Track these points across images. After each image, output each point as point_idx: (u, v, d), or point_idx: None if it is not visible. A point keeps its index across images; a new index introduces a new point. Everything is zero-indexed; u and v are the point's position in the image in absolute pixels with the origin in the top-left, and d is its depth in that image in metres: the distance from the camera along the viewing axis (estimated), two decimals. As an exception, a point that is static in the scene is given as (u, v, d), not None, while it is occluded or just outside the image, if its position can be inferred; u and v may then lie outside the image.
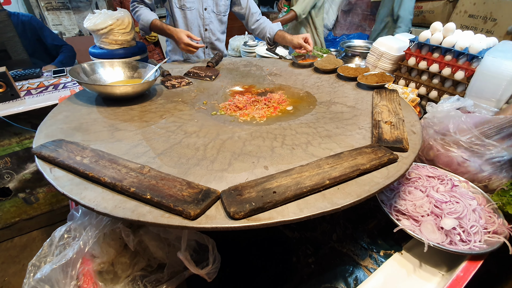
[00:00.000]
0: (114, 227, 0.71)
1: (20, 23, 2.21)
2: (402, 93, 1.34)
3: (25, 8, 3.42)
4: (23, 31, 2.21)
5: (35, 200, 1.93)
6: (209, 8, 1.69)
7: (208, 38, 1.81)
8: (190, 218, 0.54)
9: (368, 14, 3.32)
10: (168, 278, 0.72)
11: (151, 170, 0.65)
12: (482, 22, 1.94)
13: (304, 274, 0.84)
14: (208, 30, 1.77)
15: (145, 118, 0.96)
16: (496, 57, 1.12)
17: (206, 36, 1.80)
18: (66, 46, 2.44)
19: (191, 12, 1.67)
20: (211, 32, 1.79)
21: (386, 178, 0.66)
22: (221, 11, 1.74)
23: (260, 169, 0.70)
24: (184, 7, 1.64)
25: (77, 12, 3.71)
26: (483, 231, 0.81)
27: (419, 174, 0.99)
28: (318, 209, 0.57)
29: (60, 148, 0.72)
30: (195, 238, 0.73)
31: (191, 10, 1.66)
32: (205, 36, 1.80)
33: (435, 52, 1.36)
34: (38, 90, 1.74)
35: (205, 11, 1.69)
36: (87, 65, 1.14)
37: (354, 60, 1.86)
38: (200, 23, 1.74)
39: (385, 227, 0.96)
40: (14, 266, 1.85)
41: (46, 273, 0.60)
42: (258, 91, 1.27)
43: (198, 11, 1.68)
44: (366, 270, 0.84)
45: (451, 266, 0.80)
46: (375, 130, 0.84)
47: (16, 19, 2.21)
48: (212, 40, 1.83)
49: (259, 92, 1.25)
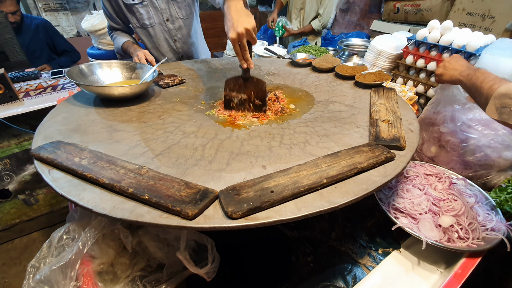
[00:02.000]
0: (113, 227, 0.71)
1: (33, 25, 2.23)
2: (400, 91, 1.35)
3: (23, 9, 3.42)
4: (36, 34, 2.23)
5: (35, 201, 1.94)
6: (171, 17, 1.58)
7: (181, 48, 1.73)
8: (188, 218, 0.54)
9: (366, 12, 3.32)
10: (168, 278, 0.73)
11: (149, 171, 0.66)
12: (480, 20, 1.94)
13: (303, 273, 0.84)
14: (178, 40, 1.68)
15: (143, 119, 0.96)
16: (493, 54, 1.12)
17: (178, 47, 1.71)
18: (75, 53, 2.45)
19: (154, 28, 1.58)
20: (183, 41, 1.70)
21: (384, 176, 0.66)
22: (188, 14, 1.62)
23: (258, 169, 0.70)
24: (145, 25, 1.55)
25: (75, 13, 3.70)
26: (481, 228, 0.81)
27: (417, 172, 1.00)
28: (316, 208, 0.57)
29: (58, 149, 0.73)
30: (194, 238, 0.73)
31: (152, 27, 1.57)
32: (177, 47, 1.71)
33: (433, 50, 1.36)
34: (37, 92, 1.75)
35: (168, 22, 1.58)
36: (85, 66, 1.14)
37: (352, 59, 1.86)
38: (167, 36, 1.64)
39: (383, 225, 0.96)
40: (15, 268, 1.86)
41: (45, 274, 0.60)
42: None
43: (160, 25, 1.58)
44: (364, 268, 0.84)
45: (449, 263, 0.81)
46: (372, 129, 0.85)
47: (30, 21, 2.24)
48: (185, 49, 1.74)
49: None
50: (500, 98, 0.69)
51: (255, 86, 1.00)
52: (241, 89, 1.00)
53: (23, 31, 2.21)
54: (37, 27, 2.26)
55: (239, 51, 0.92)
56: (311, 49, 1.95)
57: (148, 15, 1.53)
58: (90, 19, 2.21)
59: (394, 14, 2.67)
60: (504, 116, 0.69)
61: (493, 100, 0.71)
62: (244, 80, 1.00)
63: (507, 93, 0.68)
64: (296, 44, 2.37)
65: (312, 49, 1.94)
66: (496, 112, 0.71)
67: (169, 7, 1.55)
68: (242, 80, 1.00)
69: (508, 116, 0.68)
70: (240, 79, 1.00)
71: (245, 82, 1.00)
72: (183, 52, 1.76)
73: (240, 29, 0.86)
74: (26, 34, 2.22)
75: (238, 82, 1.00)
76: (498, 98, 0.70)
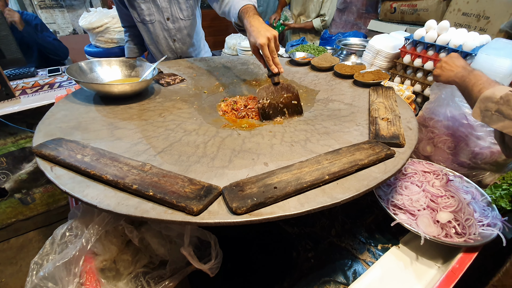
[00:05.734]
0: (116, 224, 0.71)
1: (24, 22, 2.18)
2: (397, 90, 1.36)
3: (18, 6, 3.37)
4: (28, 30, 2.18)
5: (31, 200, 1.92)
6: (172, 17, 1.58)
7: (180, 49, 1.73)
8: (193, 213, 0.54)
9: (363, 12, 3.34)
10: (170, 274, 0.73)
11: (153, 168, 0.66)
12: (476, 20, 1.97)
13: (304, 269, 0.85)
14: (177, 40, 1.68)
15: (144, 117, 0.96)
16: (489, 54, 1.15)
17: (177, 47, 1.71)
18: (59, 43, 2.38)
19: (153, 25, 1.58)
20: (182, 42, 1.70)
21: (384, 173, 0.68)
22: (189, 15, 1.62)
23: (260, 166, 0.71)
24: (145, 21, 1.56)
25: (71, 10, 3.66)
26: (477, 224, 0.83)
27: (415, 169, 1.01)
28: (319, 203, 0.58)
29: (60, 146, 0.72)
30: (197, 235, 0.74)
31: (152, 23, 1.57)
32: (176, 47, 1.71)
33: (429, 50, 1.38)
34: (33, 90, 1.73)
35: (168, 21, 1.58)
36: (84, 63, 1.13)
37: (350, 58, 1.88)
38: (166, 35, 1.64)
39: (382, 221, 0.98)
40: (11, 267, 1.84)
41: (49, 271, 0.60)
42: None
43: (160, 23, 1.58)
44: (364, 263, 0.86)
45: (447, 258, 0.83)
46: (372, 127, 0.86)
47: None
48: (184, 50, 1.74)
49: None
50: (484, 102, 0.70)
51: (287, 90, 1.00)
52: (275, 96, 0.98)
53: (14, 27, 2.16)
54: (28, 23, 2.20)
55: (269, 56, 0.96)
56: (309, 48, 1.96)
57: (149, 11, 1.53)
58: (88, 17, 2.19)
59: (390, 14, 2.69)
60: (486, 119, 0.70)
61: (478, 103, 0.72)
62: (275, 85, 1.00)
63: (489, 97, 0.69)
64: (294, 43, 2.38)
65: (311, 48, 1.95)
66: (480, 114, 0.71)
67: (170, 6, 1.55)
68: (274, 86, 1.00)
69: (489, 119, 0.69)
70: (271, 86, 1.00)
71: (276, 87, 1.00)
72: (182, 53, 1.76)
73: (268, 34, 0.94)
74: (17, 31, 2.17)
75: (270, 89, 0.99)
76: (483, 101, 0.70)
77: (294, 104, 0.99)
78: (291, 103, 0.99)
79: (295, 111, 0.99)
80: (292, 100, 0.99)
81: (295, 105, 0.99)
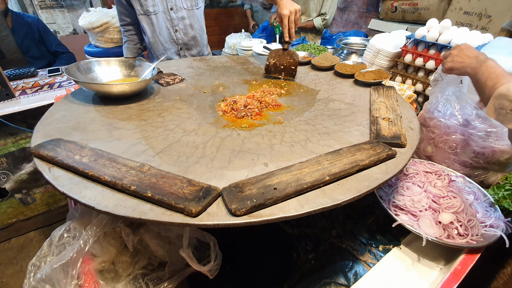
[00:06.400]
0: (115, 226, 0.70)
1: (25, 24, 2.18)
2: (399, 89, 1.35)
3: (18, 6, 3.37)
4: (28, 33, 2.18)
5: (31, 200, 1.91)
6: (176, 7, 1.61)
7: (181, 39, 1.76)
8: (192, 215, 0.54)
9: (364, 11, 3.33)
10: (170, 276, 0.72)
11: (151, 168, 0.65)
12: (477, 19, 1.96)
13: (304, 270, 0.85)
14: (178, 30, 1.71)
15: (143, 117, 0.95)
16: (491, 53, 1.13)
17: (178, 37, 1.74)
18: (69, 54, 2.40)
19: (157, 16, 1.60)
20: (183, 32, 1.73)
21: (385, 173, 0.67)
22: (193, 5, 1.66)
23: (260, 166, 0.70)
24: (148, 12, 1.58)
25: (71, 10, 3.66)
26: (480, 225, 0.82)
27: (416, 169, 1.00)
28: (319, 205, 0.57)
29: (58, 147, 0.72)
30: (196, 236, 0.73)
31: (156, 14, 1.59)
32: (177, 38, 1.74)
33: (431, 49, 1.37)
34: (33, 90, 1.72)
35: (171, 11, 1.62)
36: (83, 63, 1.13)
37: (351, 57, 1.86)
38: (168, 26, 1.67)
39: (383, 222, 0.97)
40: (12, 268, 1.84)
41: (46, 273, 0.60)
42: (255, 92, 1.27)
43: (164, 14, 1.61)
44: (365, 265, 0.85)
45: (449, 259, 0.82)
46: (373, 127, 0.85)
47: (21, 20, 2.18)
48: (185, 41, 1.77)
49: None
50: (499, 98, 0.66)
51: (291, 56, 1.30)
52: (281, 57, 1.30)
53: (15, 28, 2.16)
54: (29, 26, 2.20)
55: (287, 25, 1.19)
56: (310, 47, 1.95)
57: (153, 2, 1.55)
58: (87, 16, 2.19)
59: (391, 13, 2.68)
60: (500, 117, 0.66)
61: (492, 99, 0.68)
62: (284, 50, 1.31)
63: (504, 94, 0.65)
64: (295, 42, 2.37)
65: (311, 48, 1.94)
66: (494, 112, 0.68)
67: None
68: (282, 50, 1.31)
69: (503, 117, 0.66)
70: (280, 50, 1.31)
71: (284, 52, 1.31)
72: (183, 44, 1.77)
73: (292, 8, 1.18)
74: (18, 33, 2.17)
75: (279, 52, 1.32)
76: (497, 98, 0.67)
77: (292, 69, 1.29)
78: (290, 67, 1.29)
79: (288, 74, 1.31)
80: (291, 65, 1.29)
81: (292, 70, 1.29)
